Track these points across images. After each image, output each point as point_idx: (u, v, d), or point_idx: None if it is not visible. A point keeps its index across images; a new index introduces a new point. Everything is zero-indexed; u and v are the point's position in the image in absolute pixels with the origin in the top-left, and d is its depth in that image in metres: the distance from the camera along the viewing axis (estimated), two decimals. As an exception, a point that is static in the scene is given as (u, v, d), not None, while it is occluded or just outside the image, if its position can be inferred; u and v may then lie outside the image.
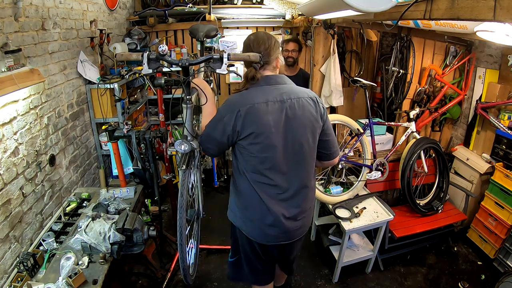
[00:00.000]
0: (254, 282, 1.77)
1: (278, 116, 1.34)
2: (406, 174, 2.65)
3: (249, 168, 1.40)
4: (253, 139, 1.33)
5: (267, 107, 1.33)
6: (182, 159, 1.36)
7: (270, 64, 1.44)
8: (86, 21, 2.49)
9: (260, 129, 1.32)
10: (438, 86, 3.02)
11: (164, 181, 2.38)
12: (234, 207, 1.55)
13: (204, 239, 2.88)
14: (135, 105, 2.98)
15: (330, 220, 2.85)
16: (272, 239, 1.50)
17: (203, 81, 1.54)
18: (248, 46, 1.42)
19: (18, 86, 1.58)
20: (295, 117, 1.36)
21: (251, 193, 1.43)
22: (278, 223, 1.44)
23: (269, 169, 1.38)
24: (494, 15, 1.02)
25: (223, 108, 1.38)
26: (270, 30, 3.69)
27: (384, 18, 1.86)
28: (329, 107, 3.07)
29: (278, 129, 1.35)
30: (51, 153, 2.03)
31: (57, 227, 1.89)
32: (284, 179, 1.41)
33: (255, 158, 1.36)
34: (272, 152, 1.36)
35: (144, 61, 1.25)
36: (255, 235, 1.50)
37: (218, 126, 1.35)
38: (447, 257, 2.77)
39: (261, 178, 1.39)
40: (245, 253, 1.63)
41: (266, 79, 1.40)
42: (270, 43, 1.41)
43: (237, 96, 1.39)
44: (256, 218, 1.45)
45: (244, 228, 1.52)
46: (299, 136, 1.38)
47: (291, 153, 1.39)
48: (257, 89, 1.38)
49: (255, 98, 1.34)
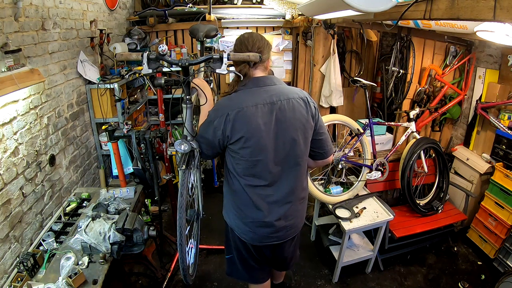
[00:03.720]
0: (249, 280, 1.78)
1: (268, 118, 1.33)
2: (406, 174, 2.65)
3: (240, 171, 1.40)
4: (244, 143, 1.32)
5: (257, 110, 1.31)
6: (182, 159, 1.36)
7: (262, 64, 1.42)
8: (86, 21, 2.49)
9: (250, 133, 1.31)
10: (438, 86, 3.02)
11: (164, 181, 2.37)
12: (227, 207, 1.56)
13: (204, 239, 2.88)
14: (135, 105, 2.98)
15: (330, 220, 2.85)
16: (264, 239, 1.51)
17: (203, 81, 1.54)
18: (242, 44, 1.39)
19: (18, 86, 1.58)
20: (285, 119, 1.35)
21: (243, 195, 1.43)
22: (270, 224, 1.45)
23: (260, 172, 1.38)
24: (494, 15, 1.02)
25: (212, 112, 1.37)
26: (270, 30, 3.69)
27: (384, 18, 1.86)
28: (329, 107, 3.08)
29: (268, 132, 1.33)
30: (51, 153, 2.03)
31: (57, 227, 1.89)
32: (275, 181, 1.42)
33: (246, 162, 1.36)
34: (263, 155, 1.35)
35: (144, 61, 1.25)
36: (248, 237, 1.52)
37: (209, 130, 1.35)
38: (447, 257, 2.77)
39: (252, 181, 1.40)
40: (239, 252, 1.64)
41: (255, 81, 1.38)
42: (263, 42, 1.40)
43: (226, 100, 1.37)
44: (248, 219, 1.46)
45: (237, 229, 1.53)
46: (290, 138, 1.37)
47: (282, 156, 1.39)
48: (246, 92, 1.36)
49: (244, 101, 1.32)
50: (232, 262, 1.71)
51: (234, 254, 1.67)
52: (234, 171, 1.42)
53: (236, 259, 1.68)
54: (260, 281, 1.76)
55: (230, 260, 1.72)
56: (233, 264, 1.71)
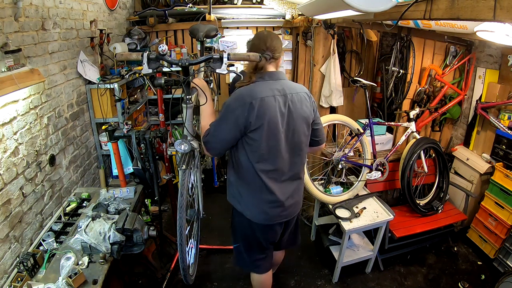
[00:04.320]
0: (253, 269, 1.87)
1: (283, 109, 1.46)
2: (406, 174, 2.65)
3: (255, 158, 1.49)
4: (263, 131, 1.43)
5: (275, 100, 1.44)
6: (182, 159, 1.36)
7: (275, 61, 1.54)
8: (86, 21, 2.49)
9: (269, 121, 1.42)
10: (438, 86, 3.02)
11: (164, 181, 2.37)
12: (236, 195, 1.64)
13: (204, 239, 2.88)
14: (135, 105, 2.98)
15: (330, 220, 2.85)
16: (276, 218, 1.64)
17: (202, 81, 1.54)
18: (261, 40, 1.51)
19: (18, 86, 1.58)
20: (295, 110, 1.49)
21: (257, 181, 1.53)
22: (281, 204, 1.59)
23: (274, 157, 1.50)
24: (494, 15, 1.02)
25: (233, 102, 1.43)
26: (270, 30, 3.69)
27: (384, 18, 1.86)
28: (329, 107, 3.08)
29: (282, 121, 1.47)
30: (51, 153, 2.03)
31: (57, 227, 1.89)
32: (285, 164, 1.55)
33: (262, 148, 1.46)
34: (278, 142, 1.48)
35: (144, 61, 1.25)
36: (261, 218, 1.62)
37: (229, 121, 1.42)
38: (447, 257, 2.77)
39: (266, 166, 1.51)
40: (245, 239, 1.74)
41: (271, 74, 1.51)
42: (278, 42, 1.53)
43: (246, 90, 1.45)
44: (262, 202, 1.58)
45: (249, 213, 1.62)
46: (298, 127, 1.53)
47: (291, 142, 1.53)
48: (263, 83, 1.47)
49: (263, 91, 1.43)
50: (238, 252, 1.82)
51: (241, 244, 1.77)
52: (247, 160, 1.50)
53: (242, 248, 1.77)
54: (263, 270, 1.86)
55: (237, 249, 1.82)
56: (239, 254, 1.81)
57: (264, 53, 1.46)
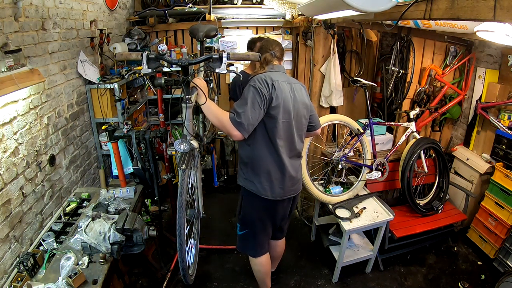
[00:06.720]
0: (256, 253, 2.03)
1: (290, 93, 1.73)
2: (406, 174, 2.65)
3: (274, 134, 1.71)
4: (280, 108, 1.67)
5: (285, 85, 1.72)
6: (182, 159, 1.36)
7: (279, 60, 1.87)
8: (86, 21, 2.49)
9: (285, 100, 1.68)
10: (438, 86, 3.02)
11: (164, 181, 2.38)
12: (251, 176, 1.81)
13: (204, 239, 2.87)
14: (135, 105, 2.98)
15: (330, 220, 2.85)
16: (288, 192, 1.85)
17: (202, 80, 1.54)
18: (269, 43, 1.85)
19: (18, 86, 1.58)
20: (298, 98, 1.76)
21: (275, 157, 1.75)
22: (292, 177, 1.83)
23: (287, 134, 1.75)
24: (494, 15, 1.02)
25: (257, 84, 1.64)
26: (270, 30, 3.69)
27: (384, 18, 1.87)
28: (329, 107, 3.08)
29: (292, 103, 1.73)
30: (51, 153, 2.03)
31: (57, 227, 1.89)
32: (294, 141, 1.80)
33: (279, 124, 1.69)
34: (290, 119, 1.73)
35: (144, 60, 1.26)
36: (275, 194, 1.80)
37: (256, 100, 1.61)
38: (447, 257, 2.77)
39: (281, 143, 1.74)
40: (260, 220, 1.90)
41: (278, 66, 1.84)
42: (282, 46, 1.89)
43: (265, 75, 1.70)
44: (277, 177, 1.78)
45: (262, 190, 1.79)
46: (301, 110, 1.79)
47: (296, 121, 1.78)
48: (273, 72, 1.75)
49: (277, 77, 1.71)
50: (244, 238, 2.01)
51: (250, 229, 1.95)
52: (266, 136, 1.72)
53: (250, 233, 1.96)
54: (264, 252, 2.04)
55: (243, 236, 2.01)
56: (245, 240, 2.01)
57: (271, 51, 1.80)
